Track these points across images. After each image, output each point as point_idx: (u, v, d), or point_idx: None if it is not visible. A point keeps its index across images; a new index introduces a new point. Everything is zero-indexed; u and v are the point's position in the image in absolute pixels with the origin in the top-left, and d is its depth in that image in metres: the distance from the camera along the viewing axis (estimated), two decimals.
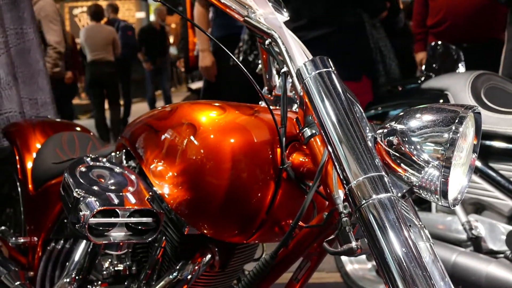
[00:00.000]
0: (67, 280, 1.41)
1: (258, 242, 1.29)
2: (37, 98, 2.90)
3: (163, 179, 1.20)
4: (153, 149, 1.25)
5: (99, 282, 1.38)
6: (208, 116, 1.17)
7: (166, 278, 1.25)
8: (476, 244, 2.13)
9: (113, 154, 1.45)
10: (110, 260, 1.36)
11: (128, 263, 1.35)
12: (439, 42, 2.99)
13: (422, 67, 3.11)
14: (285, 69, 1.09)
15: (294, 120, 1.08)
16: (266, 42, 1.13)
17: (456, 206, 1.00)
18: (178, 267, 1.25)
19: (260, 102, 1.45)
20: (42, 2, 4.45)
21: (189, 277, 1.24)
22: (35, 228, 1.82)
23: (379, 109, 2.65)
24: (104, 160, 1.33)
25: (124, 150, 1.42)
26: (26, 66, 2.85)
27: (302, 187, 1.11)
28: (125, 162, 1.41)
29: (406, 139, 0.91)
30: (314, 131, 1.04)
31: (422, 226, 0.94)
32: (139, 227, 1.18)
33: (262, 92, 1.24)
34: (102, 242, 1.16)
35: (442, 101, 2.32)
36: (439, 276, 0.87)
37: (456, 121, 0.88)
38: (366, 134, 0.93)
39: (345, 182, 0.88)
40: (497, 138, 2.13)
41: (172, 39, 13.78)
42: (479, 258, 2.07)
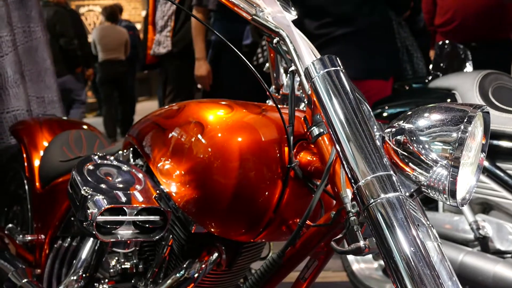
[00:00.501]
0: (74, 278, 1.42)
1: (265, 240, 1.29)
2: (44, 96, 2.91)
3: (171, 178, 1.20)
4: (160, 147, 1.25)
5: (106, 280, 1.38)
6: (215, 114, 1.17)
7: (173, 277, 1.25)
8: (483, 244, 2.12)
9: (120, 152, 1.46)
10: (117, 258, 1.37)
11: (135, 261, 1.35)
12: (447, 41, 2.97)
13: (430, 66, 3.09)
14: (293, 67, 1.09)
15: (302, 119, 1.08)
16: (274, 40, 1.13)
17: (464, 206, 1.00)
18: (185, 266, 1.25)
19: (267, 101, 1.44)
20: None
21: (196, 275, 1.24)
22: (42, 226, 1.82)
23: (387, 108, 2.65)
24: (111, 158, 1.33)
25: (131, 148, 1.42)
26: (33, 64, 2.86)
27: (310, 186, 1.11)
28: (132, 160, 1.41)
29: (414, 138, 0.90)
30: (322, 130, 1.04)
31: (430, 225, 0.94)
32: (147, 225, 1.18)
33: (269, 90, 1.24)
34: (110, 240, 1.16)
35: (449, 100, 2.32)
36: (447, 275, 0.87)
37: (465, 120, 0.88)
38: (374, 133, 0.92)
39: (353, 181, 0.87)
40: (504, 138, 2.12)
41: None
42: (486, 258, 2.06)
